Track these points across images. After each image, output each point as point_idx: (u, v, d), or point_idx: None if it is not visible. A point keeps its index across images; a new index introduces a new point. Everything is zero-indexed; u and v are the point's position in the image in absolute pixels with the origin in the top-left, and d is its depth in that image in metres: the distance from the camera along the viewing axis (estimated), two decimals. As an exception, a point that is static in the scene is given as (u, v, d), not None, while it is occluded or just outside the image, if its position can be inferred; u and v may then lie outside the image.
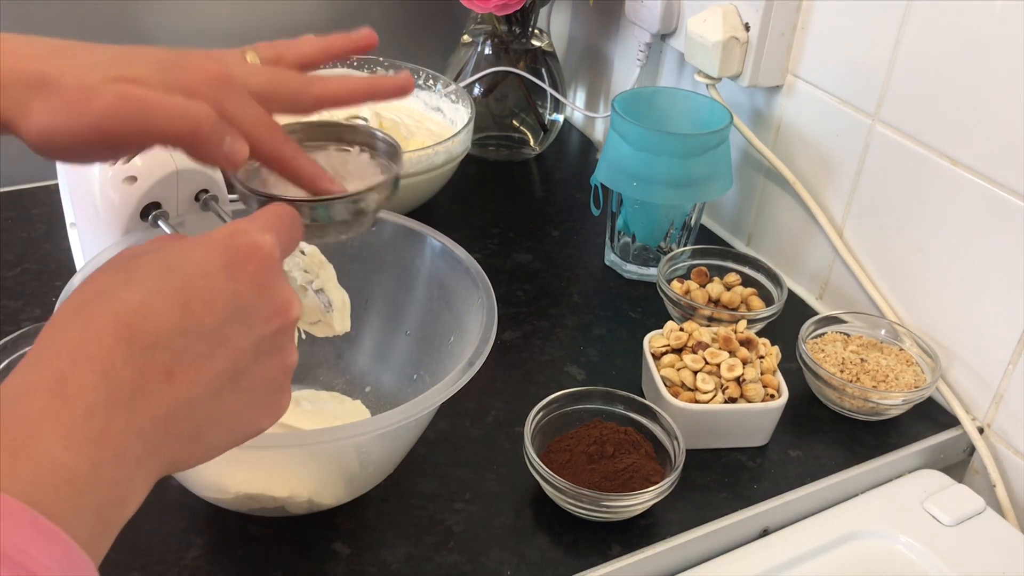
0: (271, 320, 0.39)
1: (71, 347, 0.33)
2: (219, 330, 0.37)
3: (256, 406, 0.39)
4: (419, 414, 0.57)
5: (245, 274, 0.38)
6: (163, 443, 0.35)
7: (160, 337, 0.35)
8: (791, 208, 0.95)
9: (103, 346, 0.34)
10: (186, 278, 0.36)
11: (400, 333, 0.73)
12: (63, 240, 0.77)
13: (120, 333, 0.34)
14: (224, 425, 0.38)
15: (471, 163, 1.08)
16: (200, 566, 0.61)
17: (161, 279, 0.36)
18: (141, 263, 0.37)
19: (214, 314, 0.36)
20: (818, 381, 0.78)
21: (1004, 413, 0.77)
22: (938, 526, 0.70)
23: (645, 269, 0.94)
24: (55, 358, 0.33)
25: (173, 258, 0.37)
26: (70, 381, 0.33)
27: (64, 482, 0.31)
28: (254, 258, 0.39)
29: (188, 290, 0.36)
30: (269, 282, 0.39)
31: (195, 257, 0.37)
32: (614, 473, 0.66)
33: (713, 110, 0.91)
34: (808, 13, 0.88)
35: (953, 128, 0.77)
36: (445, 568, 0.62)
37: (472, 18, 1.10)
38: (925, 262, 0.82)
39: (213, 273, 0.37)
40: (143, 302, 0.35)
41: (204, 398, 0.36)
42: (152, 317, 0.35)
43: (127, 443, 0.33)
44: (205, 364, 0.36)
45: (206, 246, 0.38)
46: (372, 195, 0.52)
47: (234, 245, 0.39)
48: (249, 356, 0.38)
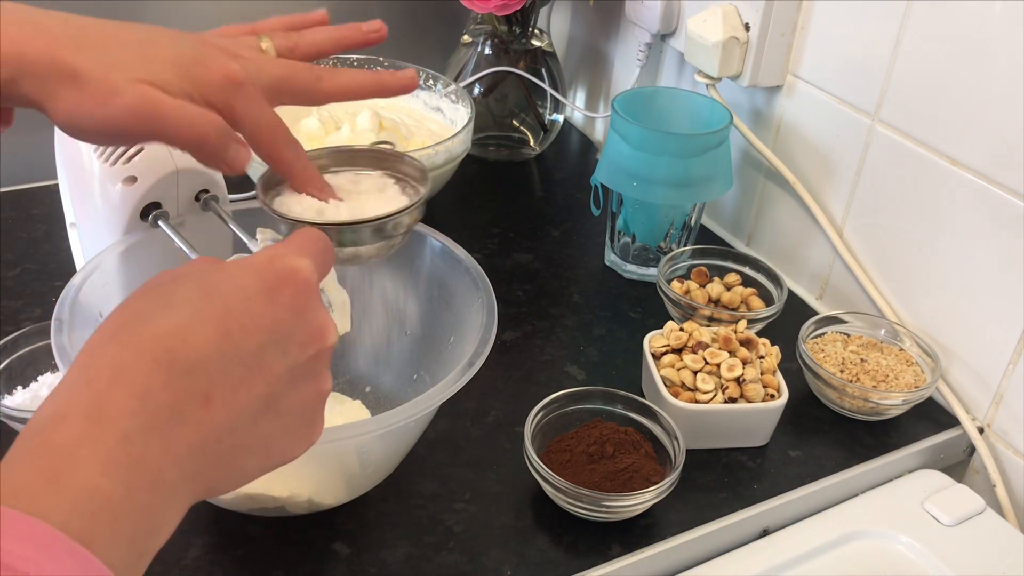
0: (308, 346, 0.39)
1: (109, 370, 0.33)
2: (257, 355, 0.37)
3: (290, 432, 0.39)
4: (419, 414, 0.57)
5: (283, 299, 0.38)
6: (198, 469, 0.35)
7: (199, 362, 0.35)
8: (791, 208, 0.95)
9: (141, 370, 0.33)
10: (226, 302, 0.37)
11: (400, 333, 0.73)
12: (63, 240, 0.77)
13: (159, 357, 0.34)
14: (258, 451, 0.38)
15: (471, 163, 1.08)
16: (200, 566, 0.61)
17: (201, 303, 0.36)
18: (180, 286, 0.37)
19: (253, 339, 0.36)
20: (818, 381, 0.78)
21: (1004, 413, 0.77)
22: (938, 526, 0.70)
23: (645, 269, 0.94)
24: (92, 381, 0.33)
25: (212, 282, 0.37)
26: (107, 405, 0.32)
27: (101, 509, 0.31)
28: (292, 283, 0.39)
29: (228, 315, 0.36)
30: (306, 307, 0.39)
31: (235, 281, 0.38)
32: (614, 473, 0.66)
33: (713, 110, 0.91)
34: (808, 13, 0.88)
35: (953, 128, 0.77)
36: (445, 568, 0.62)
37: (472, 18, 1.10)
38: (925, 262, 0.82)
39: (252, 298, 0.37)
40: (182, 326, 0.35)
41: (240, 424, 0.36)
42: (191, 341, 0.35)
43: (163, 469, 0.33)
44: (242, 390, 0.36)
45: (245, 271, 0.39)
46: (400, 218, 0.54)
47: (273, 270, 0.39)
48: (285, 382, 0.38)
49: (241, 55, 0.50)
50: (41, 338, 0.72)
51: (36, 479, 0.30)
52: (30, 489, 0.30)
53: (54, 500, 0.30)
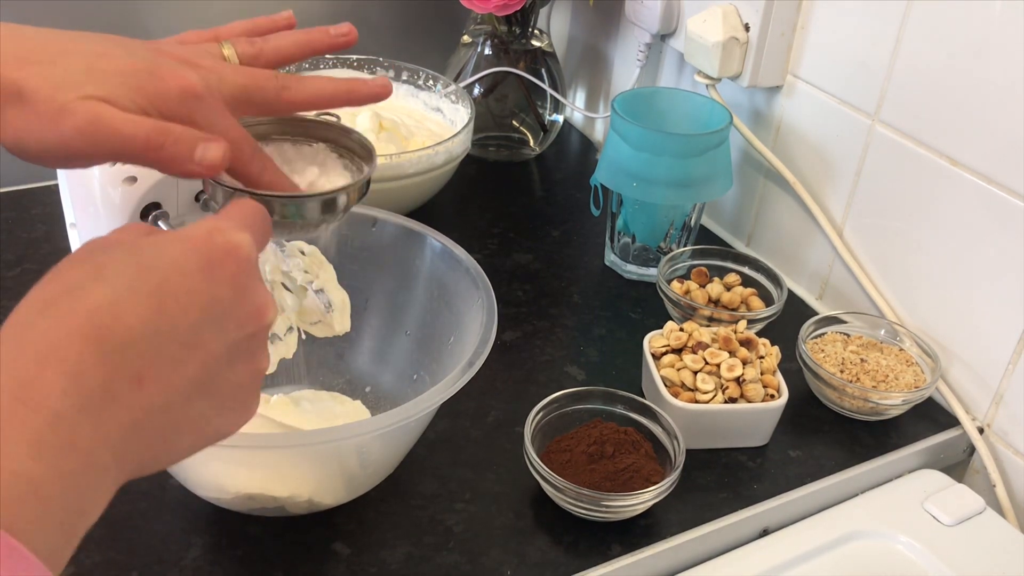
0: (246, 324, 0.38)
1: (37, 348, 0.32)
2: (193, 333, 0.35)
3: (225, 411, 0.38)
4: (419, 414, 0.57)
5: (223, 276, 0.37)
6: (130, 449, 0.33)
7: (132, 340, 0.33)
8: (791, 208, 0.95)
9: (73, 348, 0.32)
10: (162, 277, 0.35)
11: (400, 333, 0.73)
12: (63, 240, 0.77)
13: (90, 333, 0.32)
14: (192, 430, 0.36)
15: (471, 163, 1.08)
16: (200, 566, 0.61)
17: (135, 277, 0.34)
18: (113, 258, 0.35)
19: (189, 317, 0.35)
20: (818, 381, 0.78)
21: (1004, 413, 0.77)
22: (938, 526, 0.70)
23: (645, 269, 0.94)
24: (19, 358, 0.31)
25: (148, 255, 0.36)
26: (36, 385, 0.31)
27: (29, 494, 0.29)
28: (233, 259, 0.37)
29: (163, 290, 0.35)
30: (246, 284, 0.38)
31: (172, 255, 0.36)
32: (614, 473, 0.66)
33: (713, 110, 0.91)
34: (808, 13, 0.88)
35: (953, 128, 0.77)
36: (445, 568, 0.62)
37: (472, 18, 1.10)
38: (925, 262, 0.82)
39: (190, 273, 0.36)
40: (115, 301, 0.33)
41: (174, 403, 0.35)
42: (124, 317, 0.33)
43: (95, 451, 0.32)
44: (177, 369, 0.34)
45: (183, 244, 0.37)
46: (343, 195, 0.52)
47: (212, 244, 0.37)
48: (222, 361, 0.37)
49: (200, 64, 0.47)
50: (41, 338, 0.71)
51: None
52: None
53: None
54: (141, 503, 0.65)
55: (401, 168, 0.89)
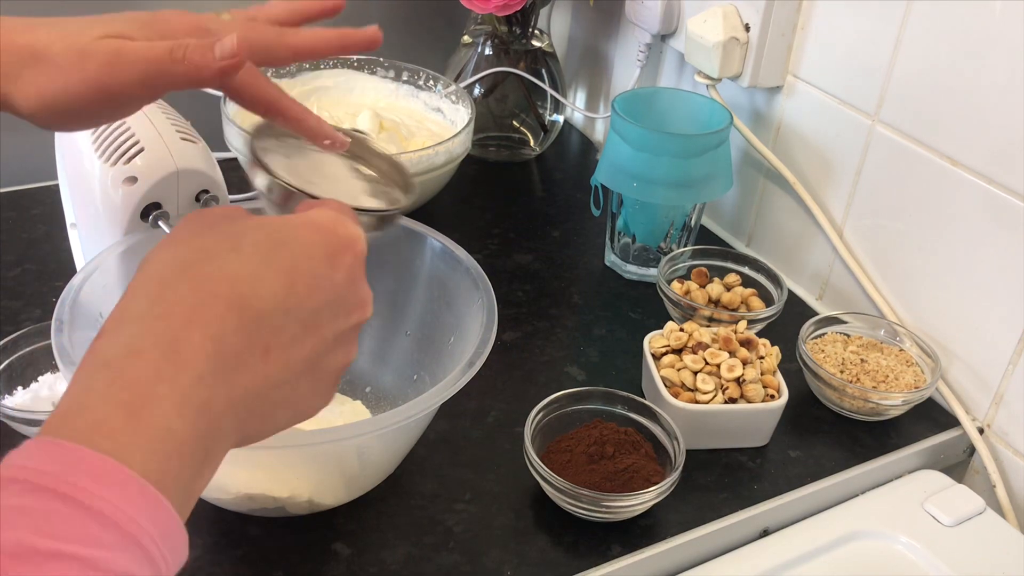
0: (354, 313, 0.39)
1: (184, 308, 0.33)
2: (314, 315, 0.37)
3: (318, 392, 0.40)
4: (419, 414, 0.57)
5: (343, 265, 0.38)
6: (246, 418, 0.35)
7: (266, 312, 0.34)
8: (791, 208, 0.95)
9: (216, 312, 0.33)
10: (294, 257, 0.36)
11: (400, 333, 0.74)
12: (63, 240, 0.77)
13: (233, 301, 0.34)
14: (291, 406, 0.38)
15: (471, 163, 1.08)
16: (200, 566, 0.61)
17: (270, 253, 0.36)
18: (247, 231, 0.36)
19: (313, 299, 0.37)
20: (818, 381, 0.78)
21: (1004, 413, 0.77)
22: (938, 526, 0.70)
23: (645, 269, 0.94)
24: (166, 317, 0.32)
25: (281, 234, 0.37)
26: (183, 344, 0.32)
27: (174, 452, 0.31)
28: (351, 251, 0.39)
29: (294, 270, 0.36)
30: (359, 277, 0.40)
31: (302, 237, 0.37)
32: (614, 473, 0.66)
33: (713, 111, 0.91)
34: (808, 13, 0.88)
35: (953, 128, 0.77)
36: (445, 568, 0.62)
37: (472, 19, 1.10)
38: (925, 262, 0.82)
39: (317, 257, 0.37)
40: (254, 273, 0.35)
41: (287, 380, 0.36)
42: (261, 290, 0.35)
43: (224, 416, 0.33)
44: (296, 346, 0.36)
45: (313, 229, 0.38)
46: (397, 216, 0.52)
47: (337, 234, 0.39)
48: (329, 345, 0.38)
49: (201, 16, 0.49)
50: (41, 338, 0.72)
51: (115, 413, 0.30)
52: (109, 424, 0.30)
53: (134, 440, 0.30)
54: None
55: (401, 168, 0.89)
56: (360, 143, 0.57)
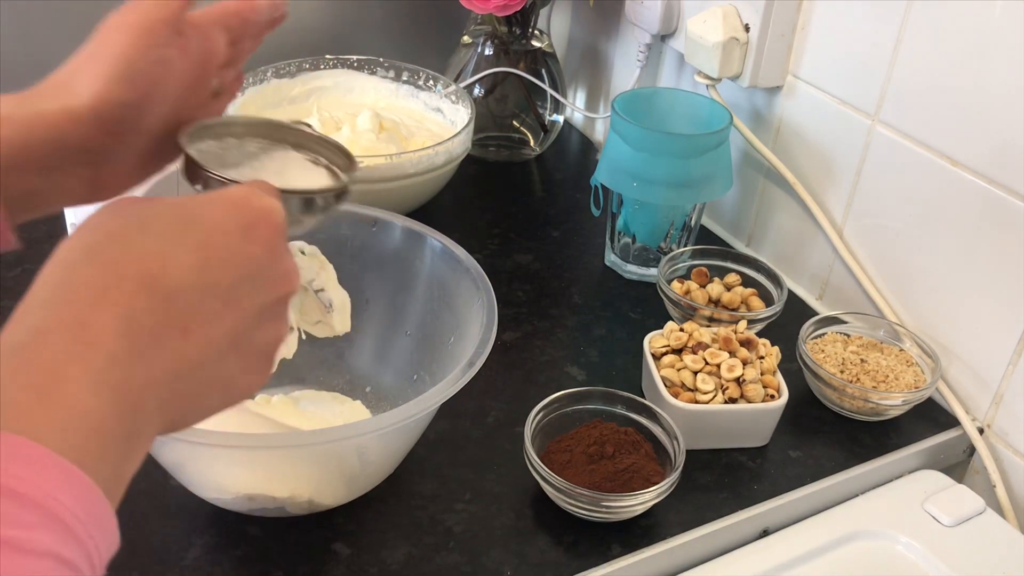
0: (277, 287, 0.39)
1: (91, 290, 0.32)
2: (232, 290, 0.36)
3: (250, 371, 0.39)
4: (419, 414, 0.57)
5: (259, 237, 0.38)
6: (171, 400, 0.34)
7: (179, 289, 0.34)
8: (791, 208, 0.95)
9: (125, 292, 0.32)
10: (206, 233, 0.36)
11: (400, 333, 0.73)
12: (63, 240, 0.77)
13: (142, 279, 0.33)
14: (222, 388, 0.37)
15: (471, 164, 1.08)
16: (200, 566, 0.61)
17: (180, 231, 0.35)
18: (156, 212, 0.36)
19: (229, 274, 0.36)
20: (818, 381, 0.78)
21: (1004, 413, 0.77)
22: (938, 526, 0.70)
23: (645, 269, 0.94)
24: (72, 301, 0.32)
25: (190, 212, 0.36)
26: (92, 325, 0.31)
27: (91, 430, 0.30)
28: (267, 222, 0.38)
29: (207, 246, 0.35)
30: (278, 248, 0.39)
31: (212, 213, 0.37)
32: (614, 473, 0.66)
33: (713, 111, 0.91)
34: (808, 13, 0.88)
35: (953, 128, 0.77)
36: (445, 568, 0.62)
37: (472, 19, 1.10)
38: (925, 262, 0.82)
39: (230, 232, 0.37)
40: (163, 252, 0.34)
41: (211, 358, 0.35)
42: (172, 268, 0.34)
43: (144, 395, 0.32)
44: (215, 323, 0.35)
45: (223, 204, 0.37)
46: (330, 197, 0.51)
47: (250, 206, 0.38)
48: (252, 321, 0.37)
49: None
50: (41, 338, 0.71)
51: (25, 396, 0.29)
52: (20, 406, 0.29)
53: (46, 419, 0.29)
54: (141, 503, 0.65)
55: (401, 168, 0.89)
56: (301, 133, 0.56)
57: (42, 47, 0.96)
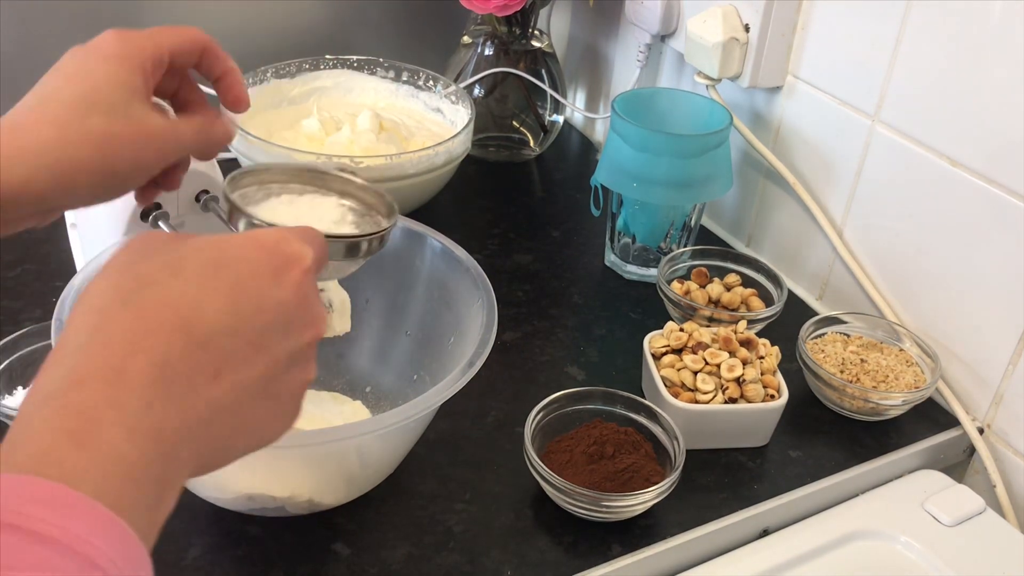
0: (305, 332, 0.39)
1: (126, 336, 0.32)
2: (261, 335, 0.36)
3: (279, 416, 0.39)
4: (419, 414, 0.57)
5: (290, 282, 0.38)
6: (202, 445, 0.34)
7: (212, 334, 0.34)
8: (791, 209, 0.95)
9: (160, 339, 0.33)
10: (237, 277, 0.36)
11: (400, 333, 0.74)
12: (63, 241, 0.77)
13: (176, 325, 0.33)
14: (251, 431, 0.37)
15: (471, 164, 1.08)
16: (200, 566, 0.61)
17: (212, 275, 0.35)
18: (188, 255, 0.36)
19: (260, 318, 0.36)
20: (818, 381, 0.78)
21: (1004, 413, 0.77)
22: (938, 526, 0.70)
23: (645, 270, 0.94)
24: (108, 346, 0.32)
25: (223, 255, 0.37)
26: (128, 372, 0.32)
27: (126, 476, 0.30)
28: (298, 267, 0.38)
29: (238, 290, 0.36)
30: (308, 294, 0.39)
31: (245, 256, 0.37)
32: (614, 473, 0.66)
33: (713, 111, 0.91)
34: (808, 13, 0.88)
35: (953, 128, 0.77)
36: (445, 568, 0.62)
37: (472, 19, 1.10)
38: (925, 262, 0.82)
39: (261, 275, 0.37)
40: (197, 297, 0.34)
41: (242, 403, 0.36)
42: (205, 313, 0.34)
43: (177, 441, 0.33)
44: (246, 368, 0.35)
45: (255, 247, 0.38)
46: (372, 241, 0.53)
47: (281, 251, 0.38)
48: (283, 365, 0.38)
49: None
50: (41, 338, 0.72)
51: (62, 442, 0.29)
52: (57, 452, 0.29)
53: (82, 465, 0.29)
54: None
55: (401, 168, 0.89)
56: (343, 180, 0.59)
57: (43, 47, 0.96)
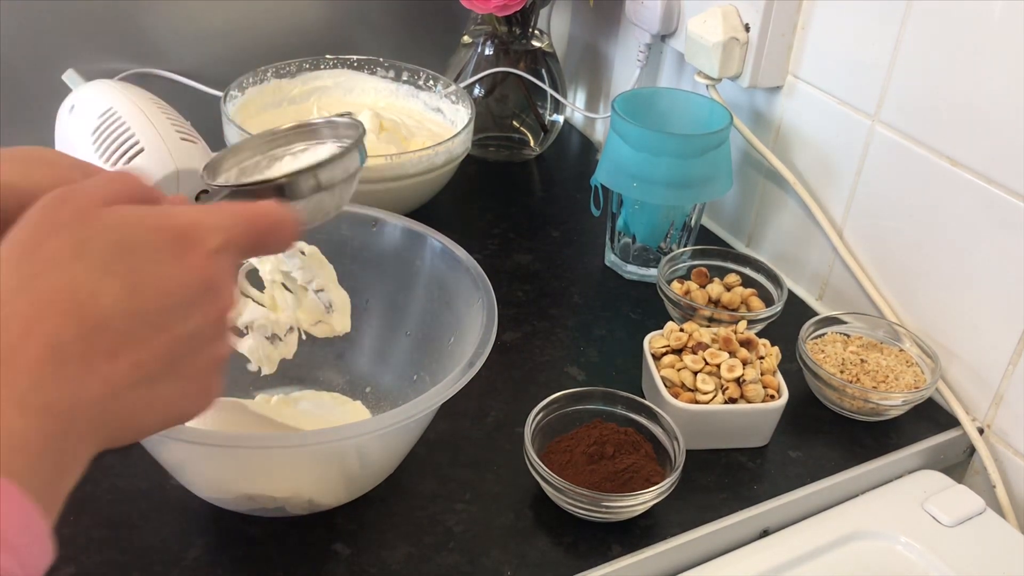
0: (210, 311, 0.39)
1: (21, 320, 0.34)
2: (161, 315, 0.37)
3: (188, 394, 0.40)
4: (419, 414, 0.57)
5: (192, 265, 0.38)
6: (104, 421, 0.36)
7: (108, 318, 0.35)
8: (791, 209, 0.95)
9: (53, 322, 0.34)
10: (139, 261, 0.37)
11: (400, 333, 0.73)
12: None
13: (71, 310, 0.35)
14: (157, 409, 0.38)
15: (471, 164, 1.08)
16: (200, 566, 0.61)
17: (114, 259, 0.36)
18: (94, 238, 0.37)
19: (160, 301, 0.37)
20: (818, 382, 0.78)
21: (1004, 414, 0.77)
22: (938, 527, 0.70)
23: (645, 270, 0.94)
24: (4, 330, 0.34)
25: (128, 238, 0.37)
26: (20, 353, 0.33)
27: (20, 448, 0.32)
28: (202, 249, 0.39)
29: (139, 274, 0.37)
30: (213, 275, 0.39)
31: (150, 240, 0.38)
32: (614, 474, 0.66)
33: (713, 111, 0.91)
34: (808, 13, 0.88)
35: (953, 128, 0.77)
36: (445, 569, 0.62)
37: (472, 19, 1.10)
38: (925, 262, 0.82)
39: (163, 260, 0.37)
40: (95, 281, 0.36)
41: (142, 381, 0.37)
42: (102, 297, 0.35)
43: (73, 417, 0.34)
44: (145, 348, 0.37)
45: (160, 231, 0.38)
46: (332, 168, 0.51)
47: (187, 235, 0.39)
48: (186, 344, 0.38)
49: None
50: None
51: None
52: None
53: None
54: (141, 503, 0.65)
55: (401, 168, 0.89)
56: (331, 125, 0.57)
57: (43, 47, 0.96)
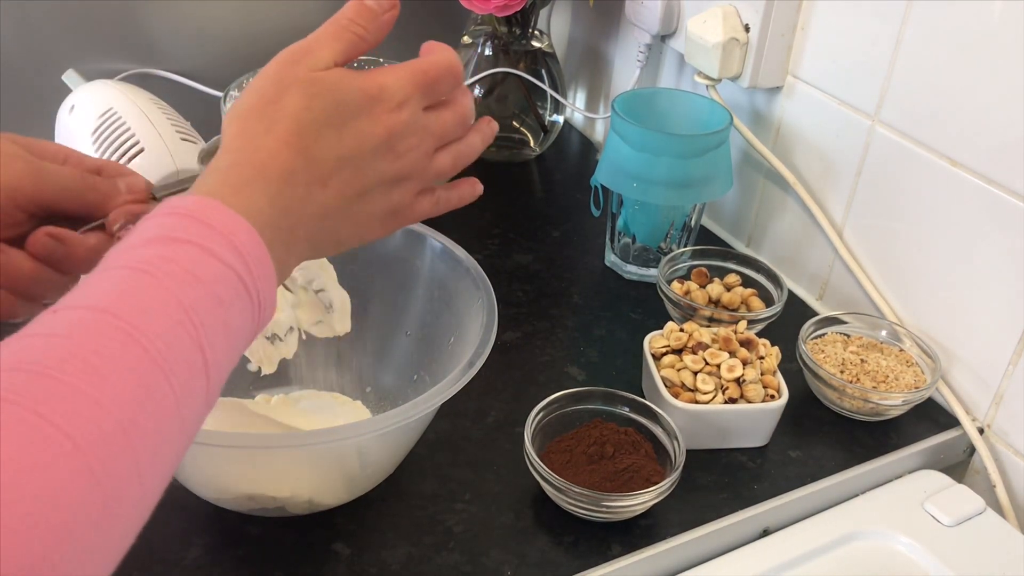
0: (393, 163, 0.49)
1: (267, 152, 0.44)
2: (357, 159, 0.47)
3: (372, 221, 0.50)
4: (419, 414, 0.57)
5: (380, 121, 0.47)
6: (316, 232, 0.46)
7: (324, 159, 0.46)
8: (791, 209, 0.95)
9: (288, 156, 0.45)
10: (345, 116, 0.46)
11: (400, 333, 0.74)
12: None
13: (300, 150, 0.45)
14: (352, 227, 0.49)
15: (471, 164, 1.08)
16: (200, 566, 0.61)
17: (330, 113, 0.46)
18: (318, 96, 0.46)
19: (357, 148, 0.47)
20: (818, 382, 0.78)
21: (1004, 413, 0.77)
22: (938, 526, 0.70)
23: (645, 270, 0.94)
24: (256, 152, 0.44)
25: (340, 98, 0.46)
26: (267, 172, 0.44)
27: (266, 224, 0.42)
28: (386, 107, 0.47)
29: (345, 126, 0.46)
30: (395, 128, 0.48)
31: (353, 99, 0.47)
32: (614, 473, 0.66)
33: (713, 111, 0.91)
34: (808, 13, 0.88)
35: (953, 128, 0.77)
36: (445, 568, 0.62)
37: (472, 19, 1.10)
38: (925, 263, 0.82)
39: (361, 116, 0.47)
40: (316, 130, 0.46)
41: (342, 206, 0.47)
42: (321, 142, 0.46)
43: (298, 223, 0.45)
44: (348, 182, 0.47)
45: (359, 92, 0.47)
46: None
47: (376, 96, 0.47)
48: (375, 184, 0.48)
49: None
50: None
51: (223, 190, 0.42)
52: (220, 193, 0.42)
53: (236, 202, 0.42)
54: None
55: (401, 168, 0.88)
56: None
57: (43, 47, 0.96)
